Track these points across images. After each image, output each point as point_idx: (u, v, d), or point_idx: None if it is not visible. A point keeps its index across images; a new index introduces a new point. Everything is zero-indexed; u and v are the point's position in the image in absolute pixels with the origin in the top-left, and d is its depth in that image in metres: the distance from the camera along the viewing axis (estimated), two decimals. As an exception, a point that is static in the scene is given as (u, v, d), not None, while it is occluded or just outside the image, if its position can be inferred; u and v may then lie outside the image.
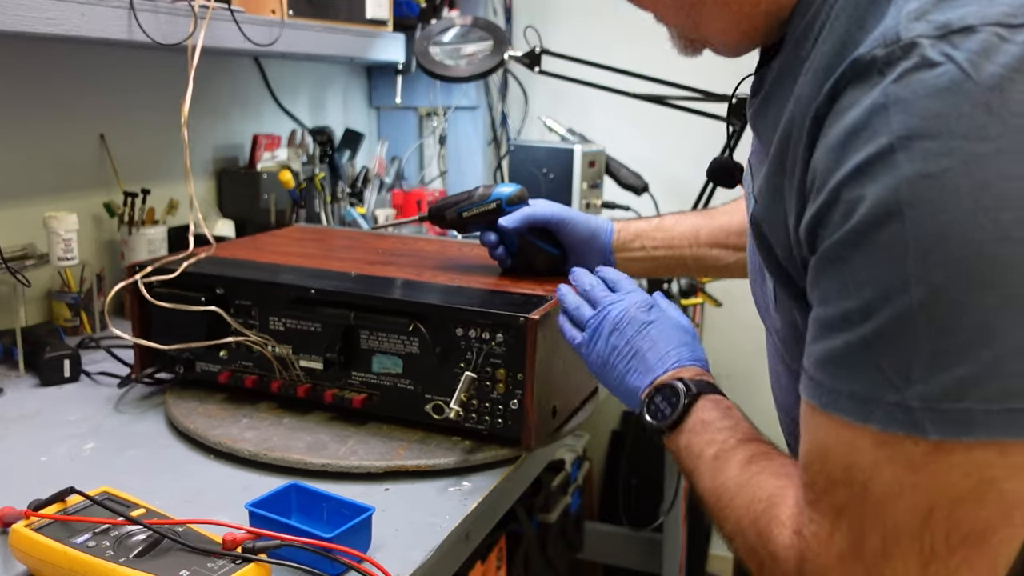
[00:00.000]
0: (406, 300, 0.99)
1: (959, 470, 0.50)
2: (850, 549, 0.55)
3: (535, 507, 1.99)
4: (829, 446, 0.56)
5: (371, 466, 0.93)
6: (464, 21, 1.64)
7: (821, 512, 0.57)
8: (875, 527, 0.53)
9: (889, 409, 0.51)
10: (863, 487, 0.53)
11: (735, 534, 0.67)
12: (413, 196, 2.12)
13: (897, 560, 0.53)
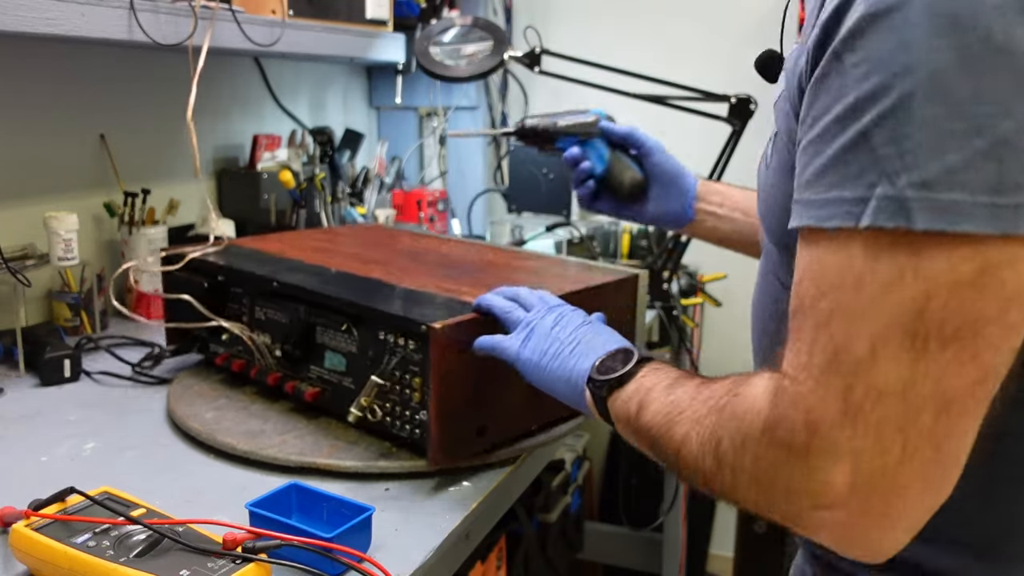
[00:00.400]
0: (342, 299, 0.99)
1: (957, 257, 0.49)
2: (832, 358, 0.53)
3: (535, 507, 1.99)
4: (820, 257, 0.55)
5: (372, 467, 0.93)
6: (464, 21, 1.64)
7: (800, 331, 0.55)
8: (863, 326, 0.52)
9: (882, 203, 0.51)
10: (856, 283, 0.52)
11: (686, 438, 0.64)
12: (413, 196, 2.12)
13: (884, 362, 0.51)
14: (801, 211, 0.56)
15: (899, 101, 0.50)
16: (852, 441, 0.52)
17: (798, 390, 0.55)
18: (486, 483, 0.94)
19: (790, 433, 0.54)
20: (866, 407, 0.52)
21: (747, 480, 0.58)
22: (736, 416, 0.59)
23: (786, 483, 0.55)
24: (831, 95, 0.54)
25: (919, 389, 0.51)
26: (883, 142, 0.51)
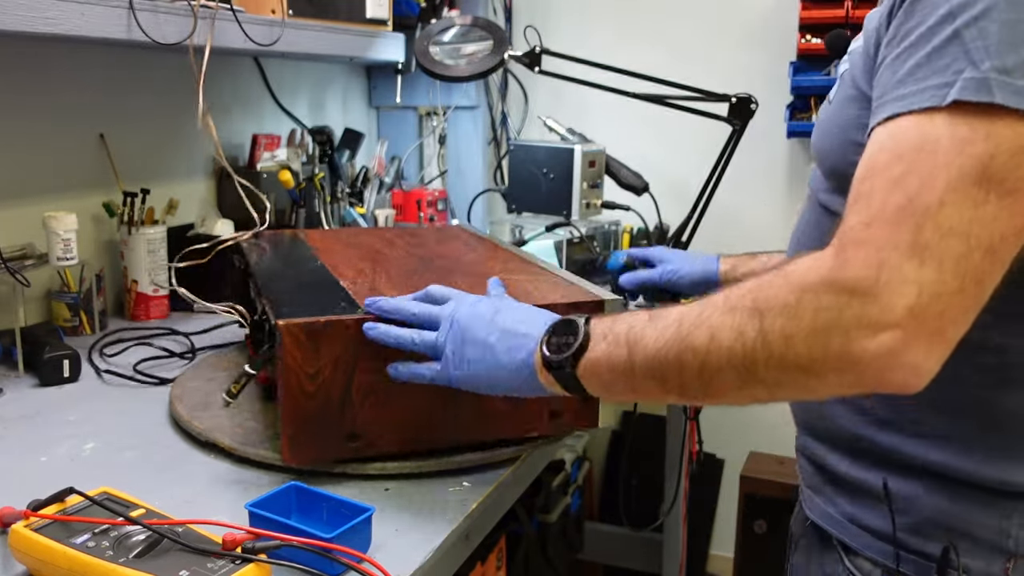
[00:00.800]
0: (264, 291, 1.01)
1: (1020, 128, 0.61)
2: (905, 204, 0.61)
3: (535, 507, 1.99)
4: (900, 133, 0.64)
5: (372, 467, 0.93)
6: (464, 21, 1.64)
7: (871, 193, 0.63)
8: (937, 178, 0.61)
9: (967, 83, 0.62)
10: (934, 145, 0.62)
11: (715, 333, 0.67)
12: (413, 196, 2.12)
13: (951, 206, 0.60)
14: (888, 105, 0.66)
15: (985, 8, 0.62)
16: (918, 271, 0.60)
17: (868, 234, 0.62)
18: (486, 483, 0.94)
19: (858, 268, 0.61)
20: (933, 243, 0.60)
21: (804, 334, 0.63)
22: (788, 282, 0.65)
23: (847, 320, 0.61)
24: (926, 10, 0.66)
25: (976, 231, 0.60)
26: (971, 38, 0.62)
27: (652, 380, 0.72)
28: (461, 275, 1.10)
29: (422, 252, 1.25)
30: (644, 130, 2.29)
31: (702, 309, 0.69)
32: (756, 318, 0.65)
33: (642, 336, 0.72)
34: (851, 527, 0.83)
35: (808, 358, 0.63)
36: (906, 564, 0.79)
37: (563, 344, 0.77)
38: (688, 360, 0.69)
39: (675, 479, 2.01)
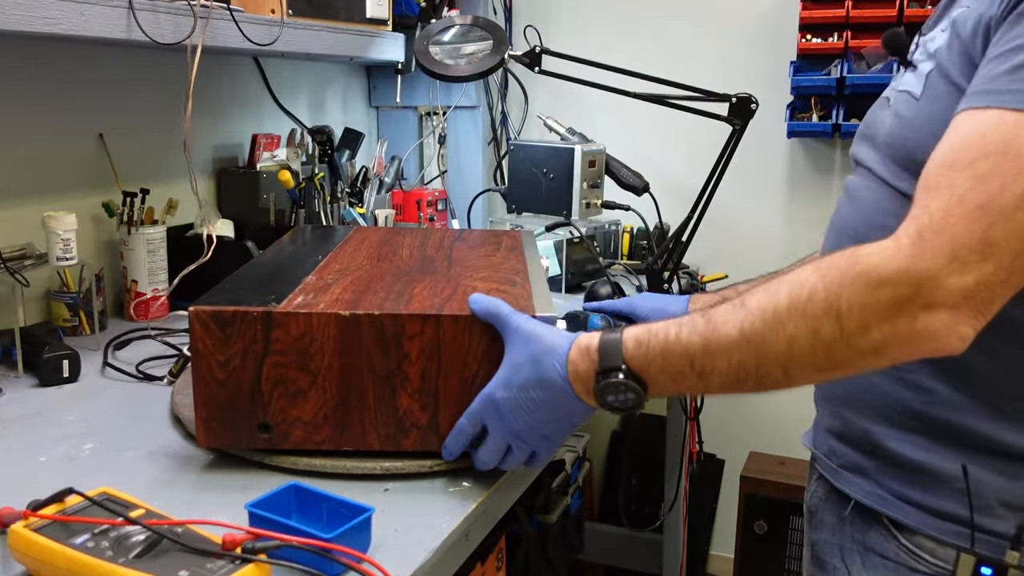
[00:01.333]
0: (228, 281, 1.04)
1: None
2: (984, 203, 0.67)
3: (535, 507, 1.99)
4: (989, 130, 0.69)
5: (372, 467, 0.93)
6: (464, 20, 1.64)
7: (954, 184, 0.69)
8: (1016, 186, 0.67)
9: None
10: (1019, 152, 0.67)
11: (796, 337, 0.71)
12: (413, 196, 2.12)
13: (1022, 212, 0.67)
14: (979, 96, 0.72)
15: None
16: (980, 264, 0.68)
17: (944, 224, 0.68)
18: (486, 483, 0.93)
19: (933, 258, 0.68)
20: (999, 241, 0.67)
21: (878, 321, 0.69)
22: (865, 273, 0.70)
23: (915, 303, 0.69)
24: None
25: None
26: None
27: (727, 389, 0.78)
28: (433, 279, 1.07)
29: (434, 254, 1.23)
30: (644, 130, 2.29)
31: (764, 318, 0.73)
32: (832, 316, 0.70)
33: (710, 363, 0.76)
34: (905, 507, 0.86)
35: (881, 341, 0.70)
36: (979, 543, 0.82)
37: (625, 401, 0.80)
38: (770, 370, 0.74)
39: (675, 479, 2.01)
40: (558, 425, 0.86)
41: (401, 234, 1.36)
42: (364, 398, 0.91)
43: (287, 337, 0.90)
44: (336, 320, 0.90)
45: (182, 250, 1.62)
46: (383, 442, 0.92)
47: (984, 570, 0.82)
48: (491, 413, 0.87)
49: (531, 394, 0.84)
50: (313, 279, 1.04)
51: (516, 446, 0.88)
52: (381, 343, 0.90)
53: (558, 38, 2.31)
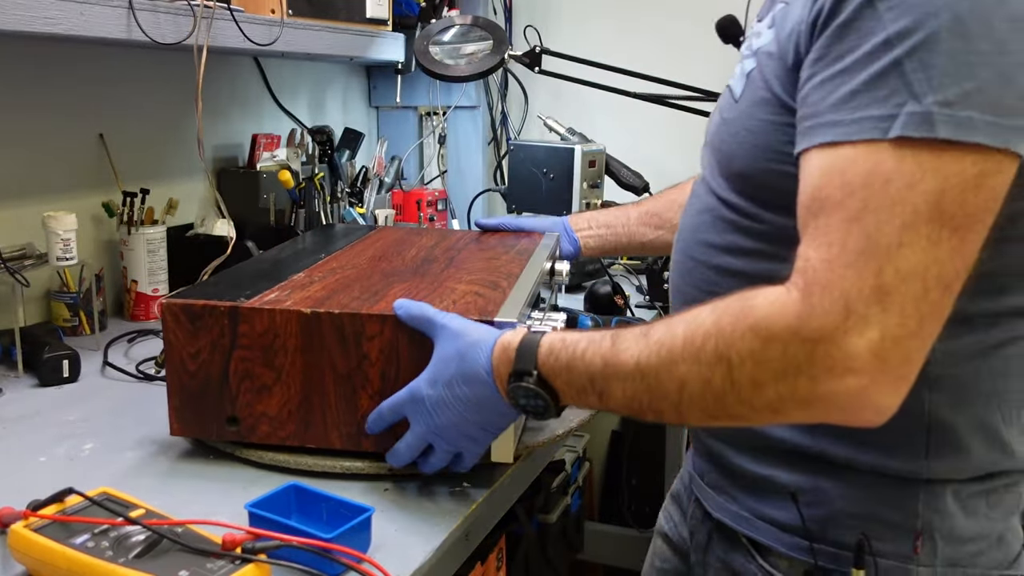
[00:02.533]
0: (219, 278, 1.07)
1: (967, 160, 0.61)
2: (866, 246, 0.62)
3: (535, 507, 1.99)
4: (847, 165, 0.64)
5: (372, 467, 0.93)
6: (464, 20, 1.64)
7: (829, 229, 0.64)
8: (893, 217, 0.62)
9: (910, 118, 0.62)
10: (884, 182, 0.62)
11: (687, 381, 0.69)
12: (413, 196, 2.12)
13: (908, 248, 0.61)
14: (824, 130, 0.66)
15: (927, 37, 0.62)
16: (881, 315, 0.62)
17: (830, 277, 0.63)
18: (486, 483, 0.93)
19: (824, 316, 0.63)
20: (894, 286, 0.61)
21: (772, 379, 0.65)
22: (754, 330, 0.66)
23: (815, 364, 0.63)
24: (861, 34, 0.65)
25: (934, 271, 0.62)
26: (912, 69, 0.62)
27: (630, 413, 0.76)
28: (418, 280, 1.06)
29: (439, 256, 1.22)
30: (644, 130, 2.29)
31: (660, 354, 0.71)
32: (723, 366, 0.67)
33: (608, 388, 0.75)
34: (759, 523, 0.84)
35: (777, 400, 0.66)
36: (821, 556, 0.79)
37: (536, 407, 0.80)
38: (663, 407, 0.72)
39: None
40: (482, 425, 0.84)
41: (420, 235, 1.36)
42: (326, 396, 0.92)
43: (252, 332, 0.92)
44: (298, 317, 0.91)
45: (182, 250, 1.62)
46: (344, 441, 0.93)
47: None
48: (413, 408, 0.86)
49: (456, 390, 0.83)
50: (301, 276, 1.05)
51: (438, 445, 0.86)
52: (341, 342, 0.91)
53: (558, 38, 2.31)
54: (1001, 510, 0.80)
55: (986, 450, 0.78)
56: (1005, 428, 0.78)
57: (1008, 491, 0.81)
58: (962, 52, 0.61)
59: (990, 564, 0.79)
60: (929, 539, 0.77)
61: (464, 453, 0.88)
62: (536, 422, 1.05)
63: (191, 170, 1.77)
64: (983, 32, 0.62)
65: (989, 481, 0.79)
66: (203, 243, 1.62)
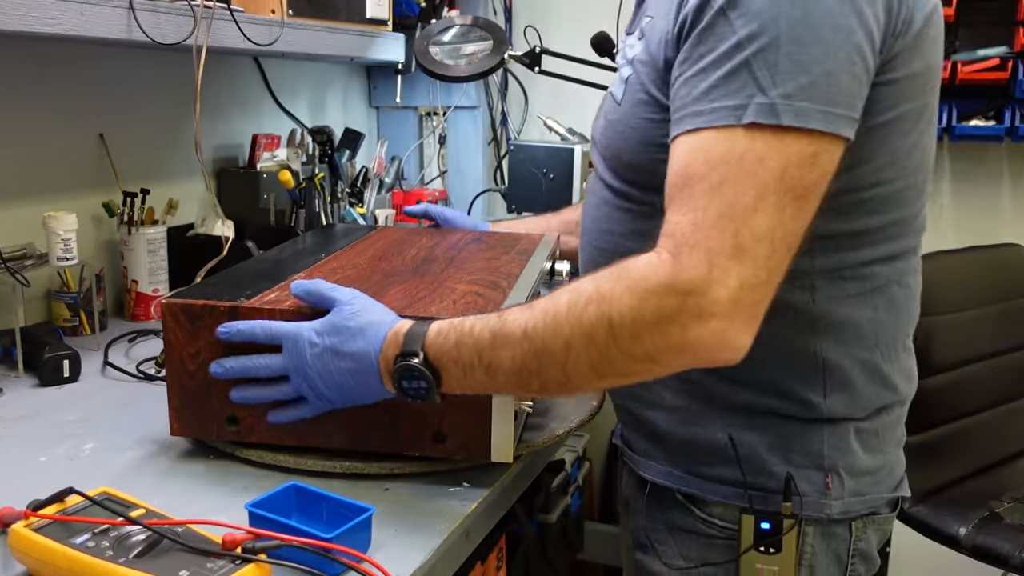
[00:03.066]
0: (219, 278, 1.07)
1: (803, 141, 0.74)
2: (726, 211, 0.73)
3: (535, 507, 1.99)
4: (709, 146, 0.76)
5: (372, 467, 0.93)
6: (464, 21, 1.64)
7: (694, 198, 0.75)
8: (748, 188, 0.73)
9: (758, 108, 0.74)
10: (739, 158, 0.74)
11: (572, 341, 0.77)
12: (413, 196, 2.12)
13: (761, 213, 0.73)
14: (690, 119, 0.77)
15: (769, 41, 0.74)
16: (738, 268, 0.73)
17: (697, 237, 0.74)
18: (486, 483, 0.93)
19: (692, 270, 0.73)
20: (749, 245, 0.73)
21: (650, 331, 0.75)
22: (631, 288, 0.75)
23: (685, 313, 0.74)
24: (717, 39, 0.76)
25: (778, 232, 0.74)
26: (759, 67, 0.74)
27: (515, 388, 0.83)
28: (418, 281, 1.06)
29: (440, 256, 1.22)
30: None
31: (546, 320, 0.78)
32: (605, 324, 0.76)
33: (496, 358, 0.81)
34: (693, 480, 0.94)
35: (654, 350, 0.76)
36: (753, 499, 0.90)
37: (417, 389, 0.84)
38: (549, 372, 0.79)
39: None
40: (344, 392, 0.88)
41: (421, 235, 1.36)
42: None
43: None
44: (297, 317, 0.91)
45: (182, 250, 1.62)
46: (344, 440, 0.93)
47: (763, 525, 0.90)
48: (293, 348, 0.88)
49: (339, 361, 0.87)
50: (301, 276, 1.05)
51: (294, 384, 0.89)
52: None
53: (558, 38, 2.30)
54: (892, 443, 0.96)
55: (872, 387, 0.91)
56: (886, 365, 0.92)
57: (896, 424, 0.96)
58: (797, 54, 0.74)
59: (883, 489, 0.95)
60: (836, 475, 0.91)
61: (310, 404, 0.91)
62: (535, 421, 1.05)
63: (191, 170, 1.77)
64: (813, 38, 0.74)
65: (878, 417, 0.93)
66: (203, 243, 1.62)
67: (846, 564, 0.94)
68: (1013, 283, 1.92)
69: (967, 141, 2.06)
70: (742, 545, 0.92)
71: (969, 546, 1.63)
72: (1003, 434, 1.89)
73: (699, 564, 0.95)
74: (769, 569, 0.91)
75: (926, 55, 0.84)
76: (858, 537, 0.94)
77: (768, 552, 0.91)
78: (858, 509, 0.93)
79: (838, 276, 0.88)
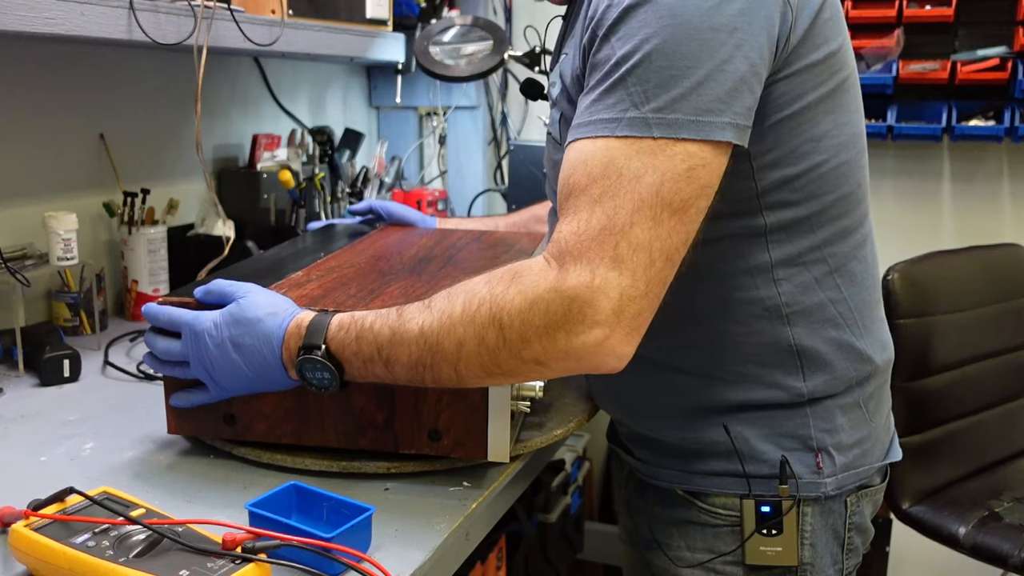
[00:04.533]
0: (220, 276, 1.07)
1: (678, 157, 0.77)
2: (606, 224, 0.76)
3: (535, 507, 1.99)
4: (588, 157, 0.79)
5: (372, 467, 0.93)
6: (464, 21, 1.64)
7: (577, 209, 0.78)
8: (625, 203, 0.76)
9: (631, 121, 0.77)
10: (618, 174, 0.77)
11: (464, 341, 0.80)
12: (413, 196, 2.12)
13: (638, 226, 0.76)
14: (574, 131, 0.82)
15: (642, 58, 0.78)
16: (618, 279, 0.76)
17: (580, 248, 0.77)
18: (486, 483, 0.94)
19: (576, 278, 0.76)
20: (627, 256, 0.76)
21: (537, 334, 0.77)
22: (522, 292, 0.78)
23: (570, 319, 0.76)
24: (602, 61, 0.81)
25: (657, 245, 0.77)
26: (632, 83, 0.78)
27: (410, 381, 0.85)
28: (414, 280, 1.06)
29: (439, 255, 1.22)
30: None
31: (441, 320, 0.81)
32: (496, 326, 0.78)
33: (394, 354, 0.83)
34: (693, 477, 0.99)
35: (542, 353, 0.78)
36: (755, 486, 0.95)
37: (320, 379, 0.86)
38: (442, 368, 0.82)
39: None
40: (241, 379, 0.89)
41: (421, 235, 1.36)
42: (321, 397, 0.92)
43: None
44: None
45: (183, 250, 1.62)
46: (340, 439, 0.93)
47: (764, 509, 0.95)
48: (192, 338, 0.90)
49: (239, 352, 0.88)
50: (299, 275, 1.05)
51: (195, 368, 0.90)
52: None
53: (558, 38, 2.30)
54: (876, 412, 1.00)
55: (849, 363, 0.95)
56: (858, 340, 0.96)
57: (876, 394, 1.00)
58: (667, 68, 0.77)
59: (873, 459, 0.99)
60: (826, 454, 0.95)
61: (209, 390, 0.92)
62: (534, 421, 1.05)
63: (192, 170, 1.77)
64: (683, 51, 0.77)
65: (859, 389, 0.97)
66: (204, 243, 1.62)
67: (844, 538, 0.99)
68: (1013, 283, 1.93)
69: (967, 141, 2.06)
70: (746, 531, 0.96)
71: (969, 546, 1.63)
72: (1003, 434, 1.89)
73: (706, 555, 0.99)
74: (773, 551, 0.96)
75: (828, 38, 0.87)
76: (853, 511, 0.98)
77: (771, 535, 0.95)
78: (852, 483, 0.97)
79: (797, 263, 0.92)
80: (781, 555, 0.96)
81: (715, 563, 0.99)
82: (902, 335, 1.74)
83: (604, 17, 0.81)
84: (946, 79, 2.01)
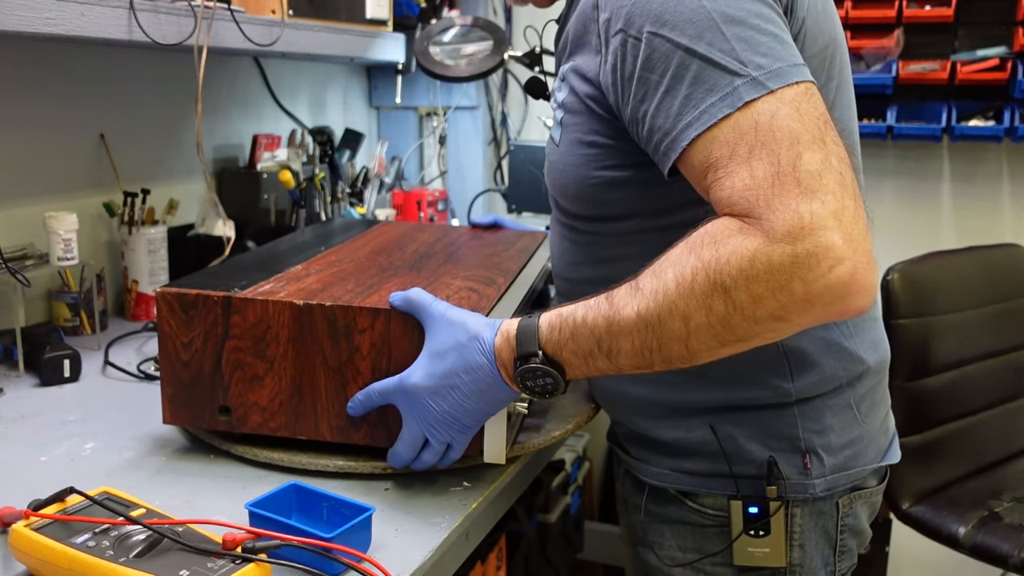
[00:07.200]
0: (219, 267, 1.09)
1: (796, 91, 0.74)
2: (774, 168, 0.71)
3: (535, 507, 1.99)
4: (715, 137, 0.75)
5: (372, 467, 0.93)
6: (464, 21, 1.64)
7: (730, 172, 0.73)
8: (779, 142, 0.72)
9: (745, 88, 0.74)
10: (753, 128, 0.73)
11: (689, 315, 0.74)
12: (413, 196, 2.12)
13: (806, 152, 0.71)
14: (684, 133, 0.77)
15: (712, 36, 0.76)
16: (822, 207, 0.69)
17: (764, 197, 0.71)
18: (486, 483, 0.94)
19: (783, 223, 0.69)
20: (815, 184, 0.70)
21: (768, 290, 0.70)
22: (734, 250, 0.71)
23: (799, 264, 0.69)
24: (656, 72, 0.78)
25: (831, 160, 0.72)
26: (719, 59, 0.75)
27: (638, 368, 0.80)
28: (413, 275, 1.07)
29: (439, 251, 1.23)
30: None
31: (657, 299, 0.76)
32: (720, 291, 0.72)
33: (615, 344, 0.79)
34: (683, 476, 0.98)
35: (779, 308, 0.71)
36: (742, 487, 0.95)
37: (544, 386, 0.83)
38: (672, 348, 0.76)
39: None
40: (478, 413, 0.87)
41: (422, 231, 1.36)
42: (317, 388, 0.92)
43: (245, 322, 0.92)
44: (290, 309, 0.91)
45: (183, 250, 1.62)
46: (335, 433, 0.93)
47: (751, 510, 0.94)
48: (406, 400, 0.87)
49: (456, 380, 0.85)
50: (298, 269, 1.06)
51: (432, 437, 0.88)
52: (333, 335, 0.91)
53: (558, 38, 2.31)
54: (870, 414, 0.98)
55: (838, 362, 0.94)
56: (847, 340, 0.95)
57: (869, 395, 0.98)
58: (741, 33, 0.75)
59: (867, 461, 0.98)
60: (814, 455, 0.94)
61: (454, 445, 0.89)
62: (533, 422, 1.05)
63: (192, 170, 1.78)
64: (742, 16, 0.76)
65: (850, 389, 0.96)
66: (204, 243, 1.62)
67: (836, 539, 0.98)
68: (1013, 283, 1.93)
69: (967, 141, 2.06)
70: (733, 531, 0.95)
71: (968, 545, 1.63)
72: (1003, 434, 1.89)
73: (695, 554, 0.99)
74: (761, 551, 0.95)
75: (824, 30, 0.87)
76: (845, 513, 0.97)
77: (759, 535, 0.95)
78: (843, 484, 0.96)
79: None
80: (769, 556, 0.95)
81: (704, 563, 0.98)
82: (902, 335, 1.74)
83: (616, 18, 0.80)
84: (946, 79, 2.01)
